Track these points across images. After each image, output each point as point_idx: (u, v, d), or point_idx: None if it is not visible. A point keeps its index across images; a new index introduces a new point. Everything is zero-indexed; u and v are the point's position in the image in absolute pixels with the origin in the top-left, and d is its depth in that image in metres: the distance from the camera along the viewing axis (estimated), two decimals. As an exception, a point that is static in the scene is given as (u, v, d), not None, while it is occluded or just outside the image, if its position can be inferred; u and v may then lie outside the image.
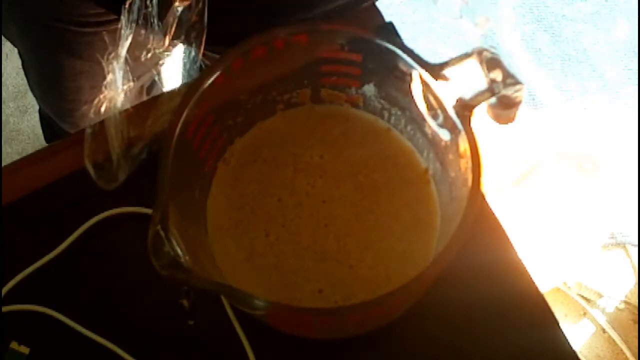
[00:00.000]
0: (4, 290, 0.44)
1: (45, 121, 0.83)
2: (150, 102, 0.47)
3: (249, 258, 0.41)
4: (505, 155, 1.20)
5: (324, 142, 0.44)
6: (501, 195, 1.14)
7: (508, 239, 0.46)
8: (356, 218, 0.42)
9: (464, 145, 0.35)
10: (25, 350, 0.43)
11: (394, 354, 0.44)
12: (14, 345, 0.43)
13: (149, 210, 0.34)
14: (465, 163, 0.35)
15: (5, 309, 0.44)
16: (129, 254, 0.44)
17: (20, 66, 0.78)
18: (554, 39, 1.37)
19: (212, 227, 0.42)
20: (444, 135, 0.38)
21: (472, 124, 0.34)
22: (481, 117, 0.35)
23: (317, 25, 0.38)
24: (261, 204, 0.43)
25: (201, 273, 0.33)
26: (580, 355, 0.43)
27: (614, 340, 0.99)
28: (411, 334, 0.44)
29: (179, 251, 0.32)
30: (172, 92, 0.47)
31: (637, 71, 1.31)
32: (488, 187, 0.35)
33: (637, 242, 1.09)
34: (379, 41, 0.37)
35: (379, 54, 0.38)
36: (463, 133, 0.34)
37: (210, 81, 0.37)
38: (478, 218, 0.33)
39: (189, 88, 0.37)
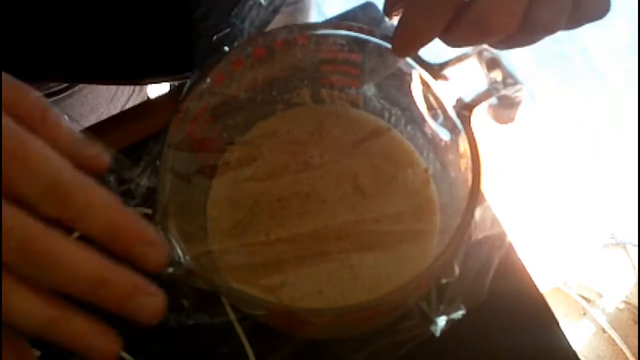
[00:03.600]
0: (4, 290, 0.44)
1: None
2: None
3: (249, 258, 0.41)
4: (505, 155, 1.20)
5: (324, 142, 0.44)
6: (501, 195, 1.14)
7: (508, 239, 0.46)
8: (356, 218, 0.42)
9: (464, 145, 0.35)
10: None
11: (394, 354, 0.44)
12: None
13: (149, 210, 0.34)
14: (465, 163, 0.35)
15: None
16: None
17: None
18: (554, 39, 1.36)
19: (212, 227, 0.42)
20: (444, 135, 0.38)
21: (472, 124, 0.34)
22: (481, 117, 0.35)
23: (317, 26, 0.38)
24: (261, 204, 0.43)
25: (201, 273, 0.32)
26: (580, 355, 0.43)
27: (614, 340, 0.99)
28: (411, 334, 0.44)
29: (179, 251, 0.32)
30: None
31: (637, 71, 1.31)
32: (488, 187, 0.35)
33: (637, 242, 1.09)
34: (379, 41, 0.37)
35: (379, 54, 0.38)
36: (463, 133, 0.34)
37: (210, 81, 0.37)
38: (478, 218, 0.33)
39: (189, 88, 0.37)
